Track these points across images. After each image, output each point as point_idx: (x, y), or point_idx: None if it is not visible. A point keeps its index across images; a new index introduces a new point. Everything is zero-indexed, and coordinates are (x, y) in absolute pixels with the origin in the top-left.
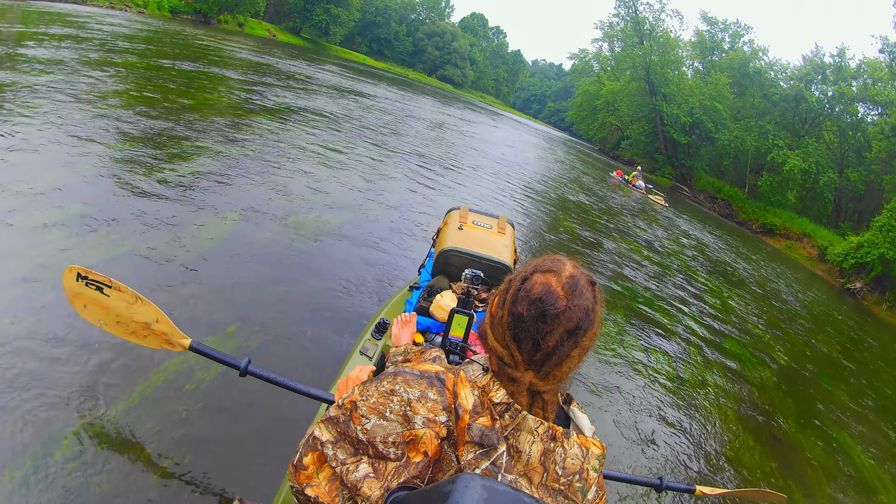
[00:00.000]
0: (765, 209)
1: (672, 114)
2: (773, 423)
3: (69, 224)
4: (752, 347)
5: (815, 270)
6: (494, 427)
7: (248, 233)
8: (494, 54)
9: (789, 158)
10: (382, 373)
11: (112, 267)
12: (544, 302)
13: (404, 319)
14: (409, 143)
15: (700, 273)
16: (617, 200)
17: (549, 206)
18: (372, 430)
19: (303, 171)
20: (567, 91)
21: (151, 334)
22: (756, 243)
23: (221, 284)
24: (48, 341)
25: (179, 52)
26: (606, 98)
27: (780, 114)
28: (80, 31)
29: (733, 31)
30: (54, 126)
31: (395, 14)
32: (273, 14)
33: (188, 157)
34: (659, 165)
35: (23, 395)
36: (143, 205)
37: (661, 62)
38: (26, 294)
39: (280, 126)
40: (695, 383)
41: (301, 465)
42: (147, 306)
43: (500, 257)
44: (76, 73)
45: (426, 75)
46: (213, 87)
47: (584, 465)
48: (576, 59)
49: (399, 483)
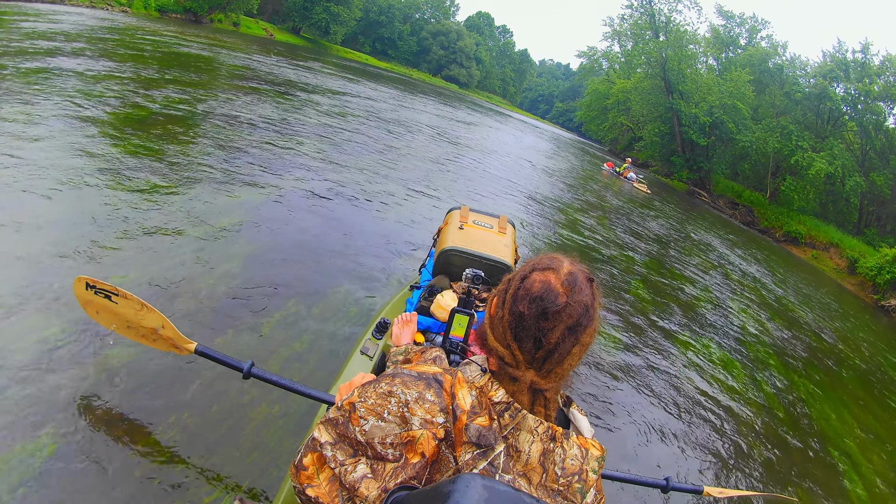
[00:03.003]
0: (788, 216)
1: (690, 113)
2: (798, 441)
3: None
4: (776, 362)
5: (844, 284)
6: (492, 427)
7: (246, 234)
8: (501, 54)
9: (815, 161)
10: (381, 375)
11: (117, 266)
12: (545, 299)
13: (405, 319)
14: (406, 147)
15: (722, 284)
16: (635, 217)
17: (557, 214)
18: (370, 432)
19: (297, 176)
20: (575, 91)
21: (159, 338)
22: (780, 253)
23: (224, 284)
24: (47, 340)
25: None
26: (617, 97)
27: (801, 113)
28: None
29: (750, 25)
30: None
31: (398, 13)
32: (272, 13)
33: (173, 180)
34: (676, 169)
35: (18, 395)
36: (140, 204)
37: (677, 57)
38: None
39: (267, 134)
40: (709, 391)
41: (301, 466)
42: (152, 313)
43: (501, 257)
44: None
45: (431, 75)
46: (198, 99)
47: (584, 467)
48: (584, 56)
49: (396, 484)
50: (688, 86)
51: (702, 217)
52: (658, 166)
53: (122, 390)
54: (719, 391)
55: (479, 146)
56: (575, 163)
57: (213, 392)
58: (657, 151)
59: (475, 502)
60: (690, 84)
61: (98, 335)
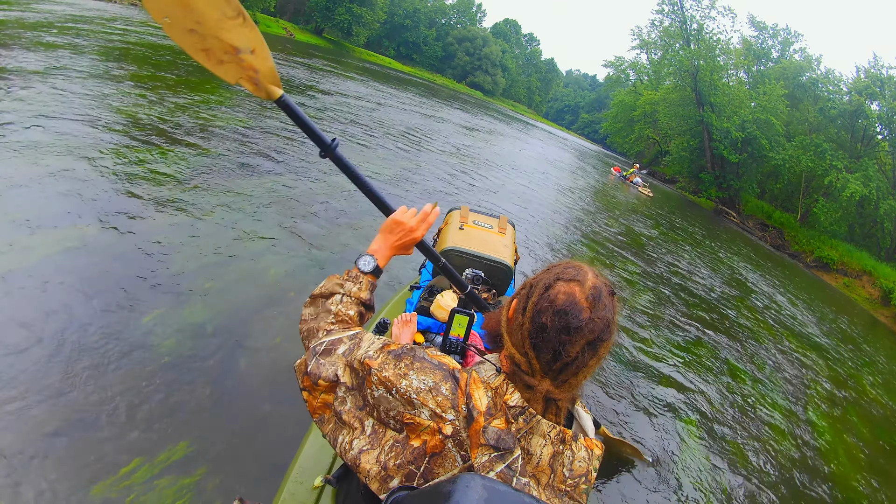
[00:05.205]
0: (820, 239)
1: (722, 127)
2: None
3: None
4: (816, 411)
5: (877, 316)
6: (510, 430)
7: (245, 234)
8: (527, 62)
9: (850, 183)
10: (406, 350)
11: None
12: (569, 314)
13: (405, 319)
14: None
15: (748, 312)
16: (664, 243)
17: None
18: (377, 400)
19: (311, 178)
20: (601, 102)
21: (234, 63)
22: (811, 280)
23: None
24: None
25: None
26: (644, 109)
27: (835, 131)
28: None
29: (783, 37)
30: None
31: (424, 17)
32: (293, 13)
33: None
34: (704, 186)
35: (10, 393)
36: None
37: (709, 67)
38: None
39: (281, 139)
40: (727, 419)
41: (316, 381)
42: (250, 30)
43: (501, 257)
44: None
45: (455, 81)
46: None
47: (590, 467)
48: (611, 67)
49: (396, 464)
50: (719, 98)
51: (731, 240)
52: (685, 182)
53: (116, 387)
54: (740, 428)
55: (495, 161)
56: (598, 178)
57: (210, 389)
58: (685, 167)
59: (475, 502)
60: (722, 96)
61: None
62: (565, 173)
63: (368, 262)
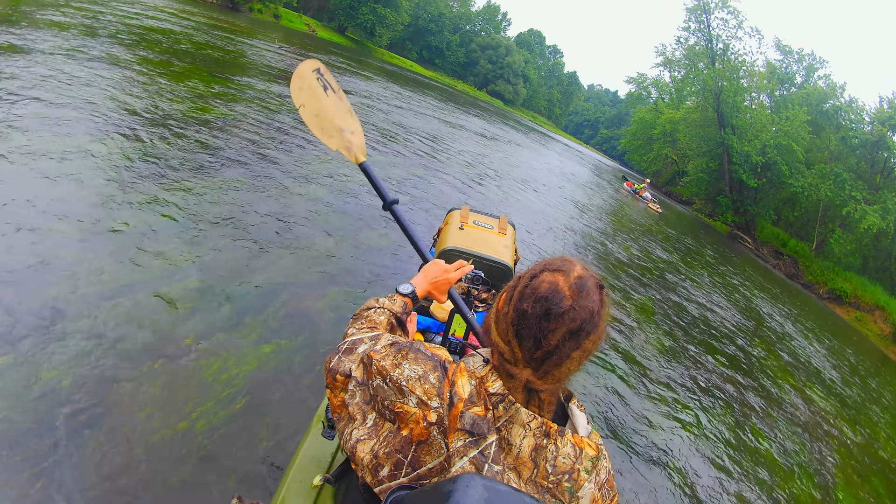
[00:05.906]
0: (834, 271)
1: (742, 151)
2: None
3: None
4: (808, 437)
5: (887, 352)
6: (486, 417)
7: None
8: (549, 74)
9: (868, 215)
10: (407, 343)
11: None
12: (549, 300)
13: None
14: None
15: (761, 343)
16: (680, 268)
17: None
18: (376, 389)
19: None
20: (621, 119)
21: (338, 137)
22: (822, 312)
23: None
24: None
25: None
26: (664, 127)
27: (855, 161)
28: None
29: (808, 63)
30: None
31: (449, 23)
32: (317, 10)
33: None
34: (721, 210)
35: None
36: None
37: (733, 88)
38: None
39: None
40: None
41: (335, 376)
42: (353, 120)
43: (501, 257)
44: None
45: (476, 88)
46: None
47: (576, 466)
48: (633, 83)
49: (385, 453)
50: (742, 120)
51: (745, 266)
52: (701, 205)
53: (118, 385)
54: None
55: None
56: (612, 195)
57: (210, 388)
58: (703, 189)
59: (475, 502)
60: (744, 119)
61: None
62: (580, 188)
63: (407, 287)
